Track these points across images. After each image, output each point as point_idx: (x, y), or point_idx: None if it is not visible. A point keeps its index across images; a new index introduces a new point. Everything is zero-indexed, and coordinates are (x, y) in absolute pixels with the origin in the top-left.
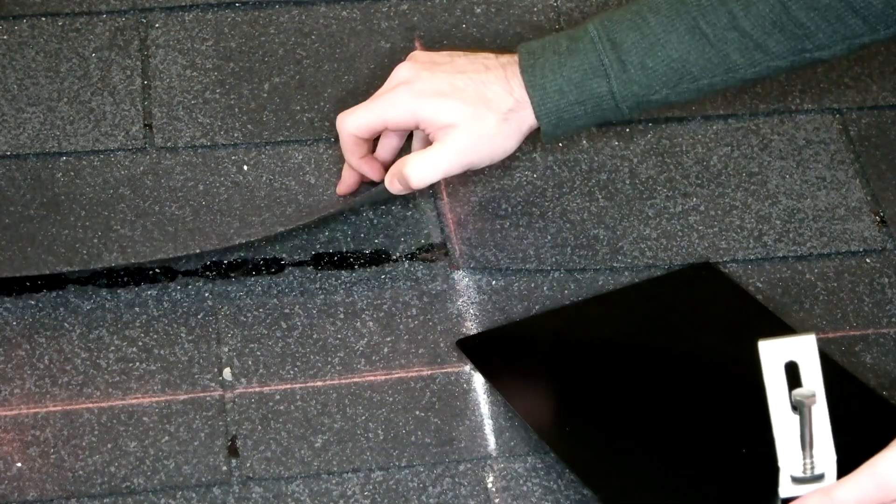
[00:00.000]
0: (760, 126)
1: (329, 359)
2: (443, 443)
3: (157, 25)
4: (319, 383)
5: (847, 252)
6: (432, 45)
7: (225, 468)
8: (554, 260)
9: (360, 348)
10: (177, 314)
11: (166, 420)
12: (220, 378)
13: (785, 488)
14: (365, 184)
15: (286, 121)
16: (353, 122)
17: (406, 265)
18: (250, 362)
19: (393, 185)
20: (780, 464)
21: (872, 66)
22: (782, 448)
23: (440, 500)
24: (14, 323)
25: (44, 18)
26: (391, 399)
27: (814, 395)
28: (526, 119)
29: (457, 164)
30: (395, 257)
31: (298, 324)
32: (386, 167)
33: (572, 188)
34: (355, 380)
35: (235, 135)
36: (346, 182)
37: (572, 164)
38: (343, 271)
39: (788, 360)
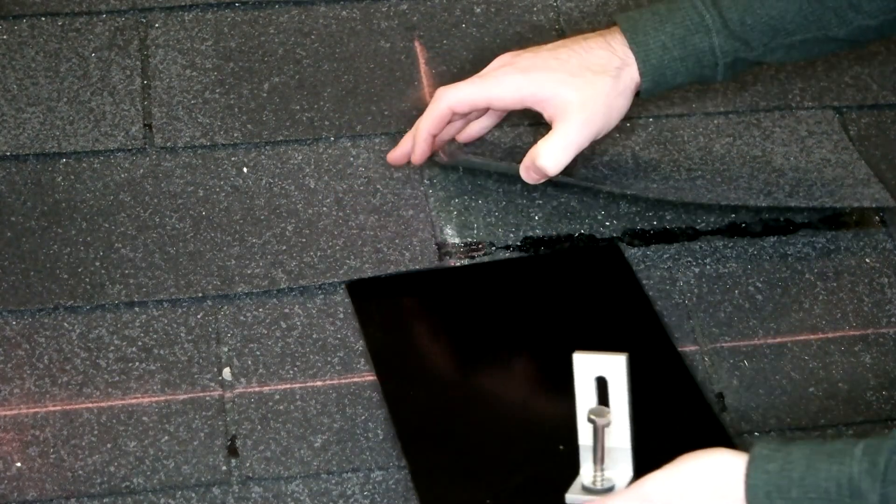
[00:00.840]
0: (762, 120)
1: (329, 359)
2: None
3: (156, 25)
4: (319, 383)
5: (858, 209)
6: (432, 44)
7: (224, 468)
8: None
9: (360, 348)
10: (176, 314)
11: (166, 420)
12: (220, 378)
13: (572, 494)
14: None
15: (286, 120)
16: (456, 96)
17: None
18: (250, 362)
19: (529, 176)
20: (581, 470)
21: (872, 65)
22: (583, 456)
23: None
24: (14, 323)
25: (44, 18)
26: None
27: (607, 416)
28: (633, 76)
29: (584, 138)
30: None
31: (298, 324)
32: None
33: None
34: (355, 380)
35: (235, 134)
36: (418, 152)
37: None
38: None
39: (599, 374)
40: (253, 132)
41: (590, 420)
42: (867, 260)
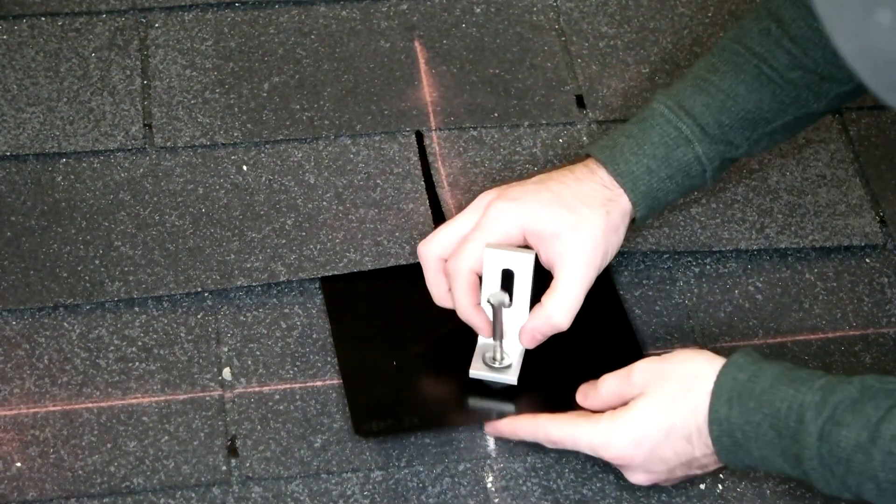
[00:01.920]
0: None
1: (329, 359)
2: (442, 442)
3: (156, 25)
4: (319, 383)
5: (848, 247)
6: (432, 45)
7: (224, 468)
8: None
9: None
10: (176, 314)
11: (166, 420)
12: (220, 378)
13: (475, 370)
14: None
15: (286, 119)
16: (470, 256)
17: None
18: (250, 362)
19: (533, 339)
20: (478, 345)
21: None
22: (481, 338)
23: (440, 500)
24: (14, 323)
25: (44, 18)
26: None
27: (505, 299)
28: (625, 208)
29: (588, 285)
30: None
31: (298, 324)
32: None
33: None
34: None
35: (235, 134)
36: (484, 326)
37: (573, 158)
38: None
39: (506, 267)
40: (253, 131)
41: (490, 303)
42: (867, 260)
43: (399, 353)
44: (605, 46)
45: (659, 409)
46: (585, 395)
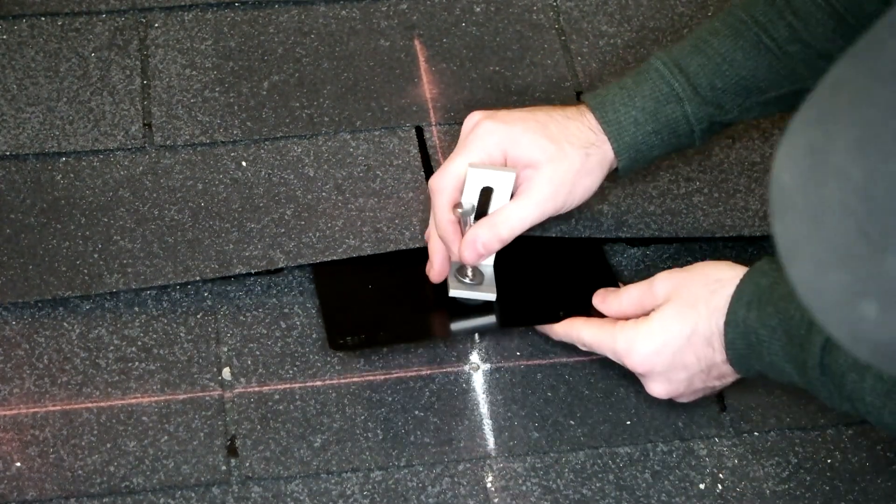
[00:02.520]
0: (761, 121)
1: (328, 358)
2: (442, 442)
3: (156, 25)
4: (319, 383)
5: None
6: (432, 44)
7: (224, 468)
8: (559, 229)
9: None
10: (176, 314)
11: (165, 420)
12: (220, 378)
13: (454, 289)
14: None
15: (285, 117)
16: (452, 174)
17: None
18: (249, 362)
19: (474, 250)
20: (452, 262)
21: None
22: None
23: (439, 500)
24: (14, 323)
25: (43, 18)
26: (390, 399)
27: (470, 210)
28: (606, 155)
29: (543, 211)
30: None
31: (298, 324)
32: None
33: None
34: (354, 379)
35: (234, 132)
36: (441, 266)
37: None
38: None
39: (486, 185)
40: (252, 129)
41: (455, 210)
42: None
43: (375, 278)
44: (604, 45)
45: (681, 313)
46: (604, 299)
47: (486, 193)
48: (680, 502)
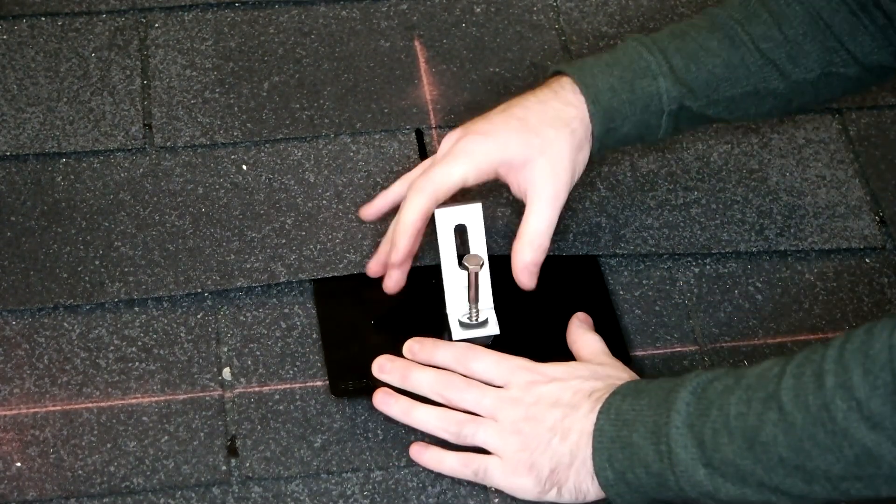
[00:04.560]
0: (760, 125)
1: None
2: (442, 442)
3: (156, 25)
4: (319, 383)
5: (847, 249)
6: (432, 44)
7: (224, 468)
8: (556, 246)
9: None
10: (176, 314)
11: (166, 420)
12: (220, 378)
13: (456, 333)
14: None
15: (286, 118)
16: (434, 184)
17: None
18: (250, 362)
19: (531, 275)
20: (449, 311)
21: None
22: (451, 298)
23: (439, 500)
24: (14, 323)
25: (44, 18)
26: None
27: (480, 262)
28: (587, 123)
29: (560, 203)
30: None
31: (298, 324)
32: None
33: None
34: None
35: (235, 133)
36: (404, 248)
37: None
38: None
39: (458, 223)
40: (253, 131)
41: (463, 266)
42: (867, 260)
43: (377, 309)
44: (605, 46)
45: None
46: (576, 327)
47: (461, 232)
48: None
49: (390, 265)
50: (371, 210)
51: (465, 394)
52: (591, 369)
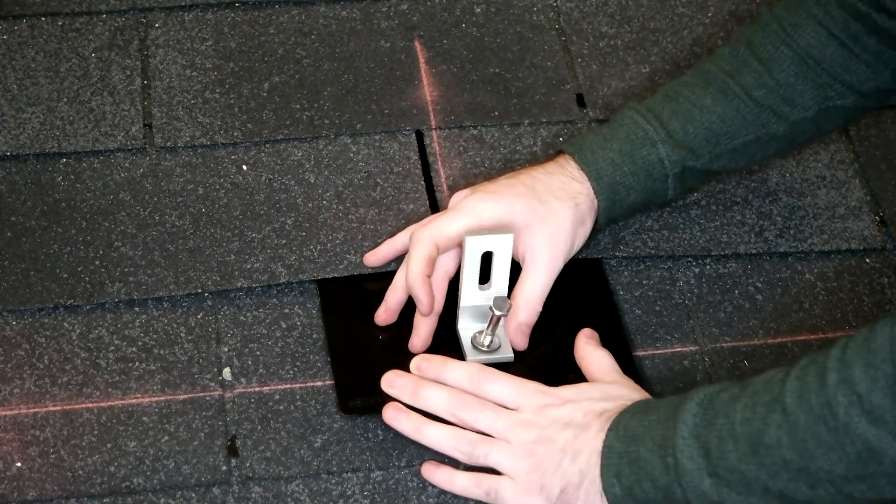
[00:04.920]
0: None
1: (328, 358)
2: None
3: (156, 25)
4: (319, 383)
5: (847, 250)
6: (432, 44)
7: (224, 468)
8: None
9: None
10: (176, 314)
11: (166, 420)
12: (220, 378)
13: (470, 355)
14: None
15: (286, 119)
16: (439, 232)
17: None
18: (250, 362)
19: (525, 336)
20: (461, 332)
21: None
22: (464, 321)
23: (439, 500)
24: (14, 323)
25: (44, 18)
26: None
27: (508, 307)
28: (592, 199)
29: (555, 270)
30: None
31: (298, 324)
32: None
33: None
34: None
35: (235, 134)
36: (426, 299)
37: None
38: None
39: (486, 250)
40: (253, 131)
41: (491, 310)
42: (867, 260)
43: (387, 330)
44: (605, 46)
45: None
46: (584, 344)
47: (486, 259)
48: None
49: (418, 318)
50: (376, 257)
51: (479, 415)
52: (602, 390)
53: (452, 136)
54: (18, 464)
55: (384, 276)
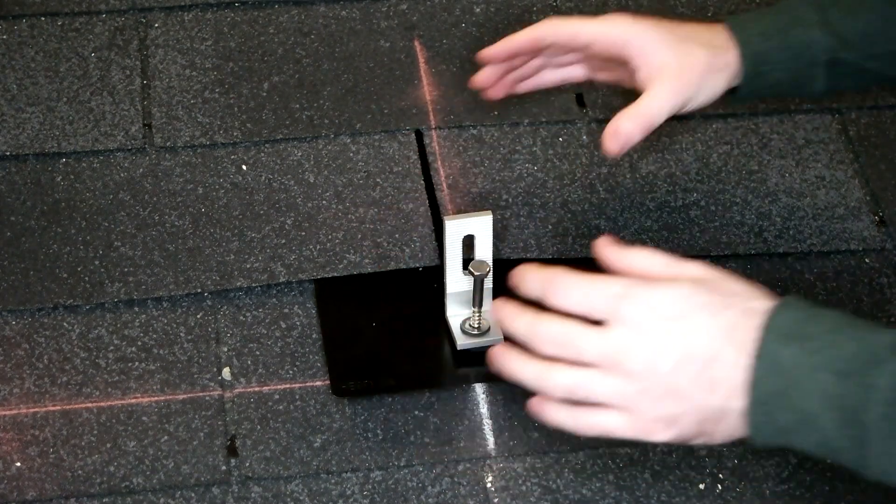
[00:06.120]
0: (760, 125)
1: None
2: (442, 442)
3: (156, 25)
4: (319, 383)
5: (846, 251)
6: (432, 44)
7: (224, 468)
8: (555, 249)
9: None
10: (176, 314)
11: (165, 420)
12: (220, 377)
13: (462, 343)
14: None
15: (285, 119)
16: (563, 23)
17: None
18: (249, 362)
19: (617, 140)
20: (450, 317)
21: None
22: (452, 305)
23: (439, 500)
24: (14, 322)
25: (43, 18)
26: (389, 398)
27: (487, 268)
28: (731, 62)
29: (671, 107)
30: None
31: (298, 324)
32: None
33: (573, 180)
34: None
35: (235, 133)
36: (496, 52)
37: (572, 157)
38: None
39: (467, 233)
40: (253, 131)
41: (469, 272)
42: (867, 260)
43: (379, 310)
44: None
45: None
46: (608, 247)
47: (468, 241)
48: (680, 502)
49: (485, 55)
50: (492, 52)
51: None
52: (705, 293)
53: (452, 136)
54: (18, 464)
55: (383, 275)
